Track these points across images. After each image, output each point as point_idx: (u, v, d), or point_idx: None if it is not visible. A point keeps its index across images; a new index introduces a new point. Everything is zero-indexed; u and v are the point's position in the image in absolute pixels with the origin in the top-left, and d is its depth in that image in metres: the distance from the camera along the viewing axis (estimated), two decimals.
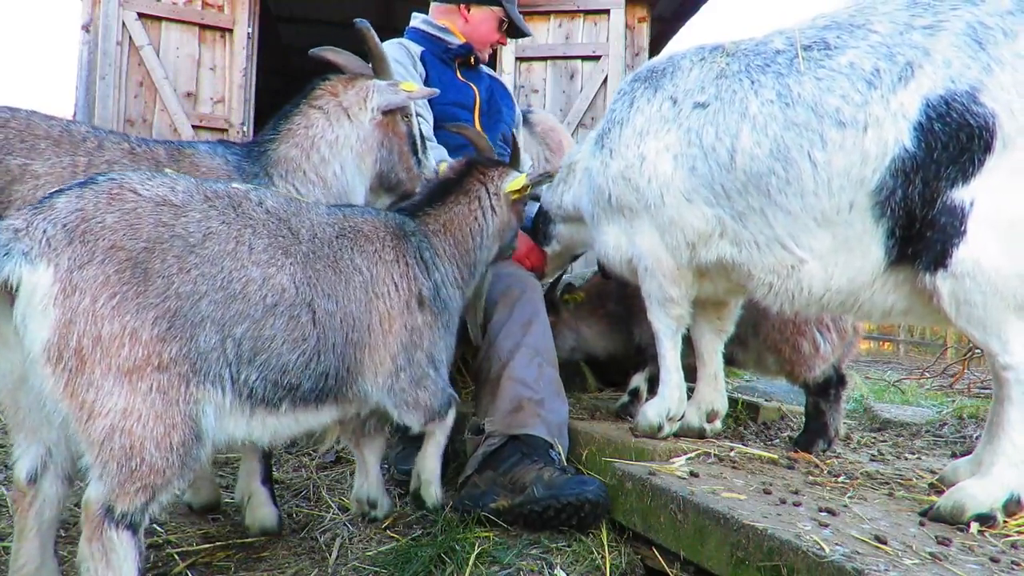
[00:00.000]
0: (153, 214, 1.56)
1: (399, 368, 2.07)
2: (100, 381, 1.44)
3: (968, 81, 1.81)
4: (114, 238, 1.49)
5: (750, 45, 2.27)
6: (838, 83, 1.97)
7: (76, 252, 1.44)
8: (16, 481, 1.69)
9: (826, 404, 2.80)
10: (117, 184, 1.58)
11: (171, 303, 1.52)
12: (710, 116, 2.22)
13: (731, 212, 2.20)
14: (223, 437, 1.71)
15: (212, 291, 1.59)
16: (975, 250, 1.79)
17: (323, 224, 1.97)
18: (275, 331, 1.72)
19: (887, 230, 1.94)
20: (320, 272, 1.86)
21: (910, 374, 7.31)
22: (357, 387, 2.00)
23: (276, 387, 1.76)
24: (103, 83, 5.50)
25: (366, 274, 2.00)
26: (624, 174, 2.45)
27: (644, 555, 2.11)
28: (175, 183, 1.67)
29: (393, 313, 2.05)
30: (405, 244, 2.16)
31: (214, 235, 1.64)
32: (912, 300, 2.01)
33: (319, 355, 1.83)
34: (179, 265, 1.55)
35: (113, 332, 1.45)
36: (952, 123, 1.81)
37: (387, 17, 7.49)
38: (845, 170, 1.95)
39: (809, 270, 2.09)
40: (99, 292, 1.44)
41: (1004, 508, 1.79)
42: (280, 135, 2.36)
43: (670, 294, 2.48)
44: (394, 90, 2.46)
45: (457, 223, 2.38)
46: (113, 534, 1.48)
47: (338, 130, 2.39)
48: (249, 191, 1.84)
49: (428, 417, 2.19)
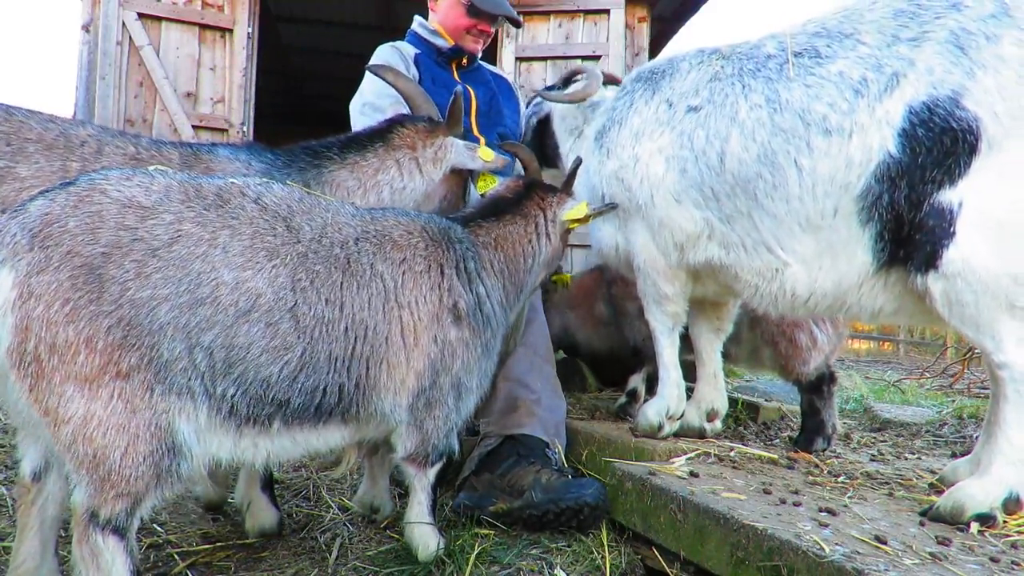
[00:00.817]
0: (116, 217, 1.50)
1: (422, 388, 1.91)
2: (60, 388, 1.43)
3: (950, 86, 1.83)
4: (72, 243, 1.45)
5: (744, 49, 2.29)
6: (826, 91, 1.99)
7: (35, 258, 1.42)
8: (20, 477, 1.70)
9: (820, 401, 2.82)
10: (89, 186, 1.54)
11: (126, 310, 1.46)
12: (702, 119, 2.24)
13: (719, 215, 2.23)
14: (207, 455, 1.63)
15: (175, 296, 1.51)
16: (965, 251, 1.80)
17: (341, 225, 1.84)
18: (250, 339, 1.59)
19: (874, 234, 1.96)
20: (319, 275, 1.72)
21: (910, 374, 7.31)
22: (372, 406, 1.84)
23: (261, 403, 1.63)
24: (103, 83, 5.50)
25: (389, 282, 1.86)
26: (618, 174, 2.48)
27: (644, 555, 2.11)
28: (151, 183, 1.59)
29: (420, 326, 1.88)
30: (444, 251, 2.01)
31: (184, 237, 1.55)
32: (902, 301, 2.03)
33: (307, 367, 1.68)
34: (137, 270, 1.48)
35: (68, 339, 1.42)
36: (935, 128, 1.83)
37: (387, 17, 7.48)
38: (830, 176, 1.97)
39: (793, 273, 2.11)
40: (53, 299, 1.41)
41: (1003, 507, 1.80)
42: (345, 163, 2.34)
43: (664, 292, 2.50)
44: (472, 156, 2.50)
45: (511, 241, 2.25)
46: (99, 538, 1.48)
47: (407, 182, 2.42)
48: (247, 186, 1.74)
49: (418, 451, 1.99)
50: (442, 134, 2.49)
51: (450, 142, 2.49)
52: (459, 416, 2.05)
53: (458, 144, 2.50)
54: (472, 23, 3.18)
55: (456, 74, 3.26)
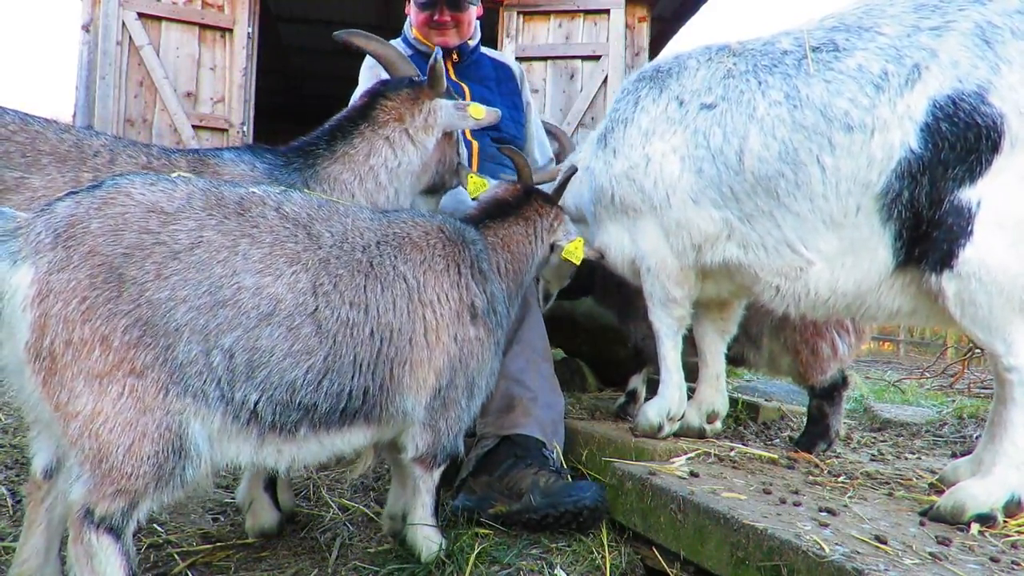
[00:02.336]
0: (140, 220, 1.53)
1: (440, 387, 1.93)
2: (71, 383, 1.45)
3: (976, 81, 1.80)
4: (93, 243, 1.48)
5: (757, 45, 2.25)
6: (847, 86, 1.96)
7: (56, 256, 1.45)
8: (32, 474, 1.71)
9: (830, 407, 2.80)
10: (115, 189, 1.57)
11: (143, 310, 1.49)
12: (718, 117, 2.20)
13: (739, 214, 2.19)
14: (221, 460, 1.65)
15: (194, 298, 1.53)
16: (981, 251, 1.78)
17: (361, 229, 1.87)
18: (273, 342, 1.61)
19: (894, 232, 1.93)
20: (342, 279, 1.75)
21: (910, 374, 7.31)
22: (395, 406, 1.87)
23: (288, 409, 1.65)
24: (103, 83, 5.50)
25: (411, 282, 1.89)
26: (628, 174, 2.43)
27: (644, 555, 2.11)
28: (175, 190, 1.63)
29: (441, 324, 1.92)
30: (461, 251, 2.05)
31: (205, 243, 1.58)
32: (918, 302, 2.01)
33: (333, 371, 1.70)
34: (157, 272, 1.51)
35: (83, 336, 1.44)
36: (960, 123, 1.80)
37: (387, 17, 7.49)
38: (852, 174, 1.94)
39: (816, 272, 2.08)
40: (71, 296, 1.44)
41: (1004, 509, 1.79)
42: (336, 156, 2.29)
43: (673, 295, 2.47)
44: (462, 114, 2.43)
45: (515, 242, 2.31)
46: (93, 537, 1.48)
47: (401, 157, 2.35)
48: (267, 195, 1.76)
49: (428, 452, 2.01)
50: (427, 97, 2.41)
51: (438, 104, 2.41)
52: (469, 417, 2.08)
53: (446, 104, 2.42)
54: (426, 16, 3.12)
55: (452, 71, 3.21)
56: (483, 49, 3.37)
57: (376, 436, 1.94)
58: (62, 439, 1.51)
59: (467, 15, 3.16)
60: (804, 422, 2.97)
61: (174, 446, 1.52)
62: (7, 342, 1.49)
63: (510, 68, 3.42)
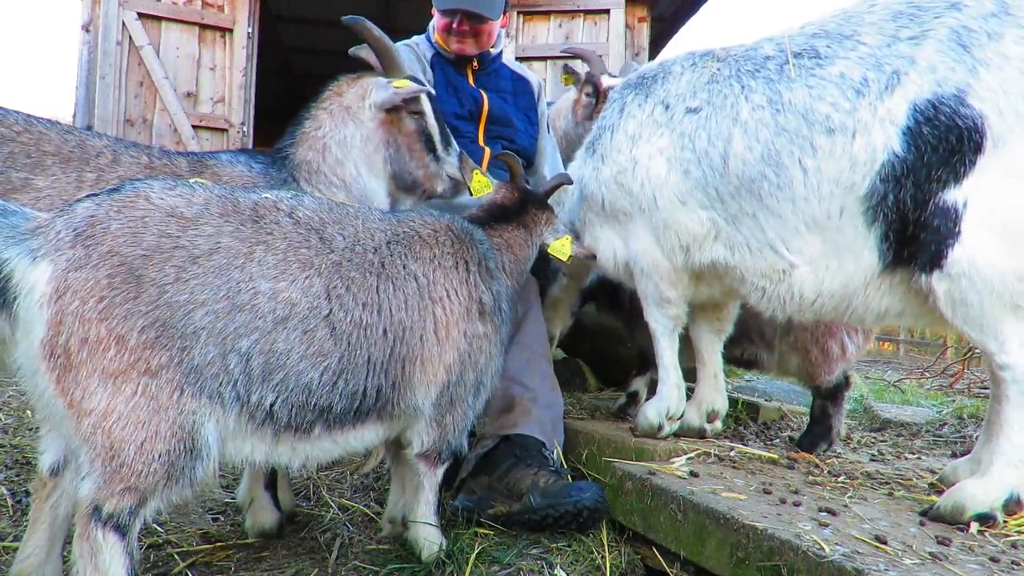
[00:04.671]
0: (159, 224, 1.56)
1: (449, 383, 1.96)
2: (85, 381, 1.46)
3: (955, 84, 1.83)
4: (113, 244, 1.49)
5: (740, 51, 2.30)
6: (828, 91, 1.99)
7: (75, 254, 1.47)
8: (39, 471, 1.72)
9: (833, 408, 2.81)
10: (135, 192, 1.59)
11: (162, 311, 1.50)
12: (702, 121, 2.24)
13: (724, 215, 2.22)
14: (237, 458, 1.69)
15: (212, 301, 1.56)
16: (970, 250, 1.80)
17: (371, 231, 1.90)
18: (290, 345, 1.64)
19: (879, 235, 1.95)
20: (355, 281, 1.78)
21: (910, 374, 7.31)
22: (405, 403, 1.89)
23: (303, 409, 1.68)
24: (103, 83, 5.50)
25: (422, 280, 1.92)
26: (616, 178, 2.47)
27: (644, 555, 2.11)
28: (193, 195, 1.65)
29: (451, 320, 1.95)
30: (469, 249, 2.08)
31: (222, 249, 1.61)
32: (907, 302, 2.02)
33: (347, 373, 1.74)
34: (176, 275, 1.53)
35: (99, 335, 1.46)
36: (941, 126, 1.82)
37: (387, 17, 7.49)
38: (835, 176, 1.97)
39: (800, 275, 2.11)
40: (88, 295, 1.45)
41: (1004, 507, 1.80)
42: (296, 140, 2.39)
43: (667, 295, 2.49)
44: (390, 88, 2.43)
45: (517, 244, 2.35)
46: (99, 534, 1.49)
47: (344, 130, 2.40)
48: (281, 200, 1.79)
49: (434, 448, 2.03)
50: (367, 78, 2.47)
51: (369, 80, 2.46)
52: (474, 414, 2.11)
53: (379, 80, 2.46)
54: (446, 23, 3.11)
55: (471, 78, 3.18)
56: (504, 60, 3.36)
57: (388, 433, 1.97)
58: (73, 436, 1.51)
59: (487, 27, 3.13)
60: (804, 422, 2.97)
61: (186, 445, 1.54)
62: (23, 338, 1.49)
63: (529, 82, 3.40)
